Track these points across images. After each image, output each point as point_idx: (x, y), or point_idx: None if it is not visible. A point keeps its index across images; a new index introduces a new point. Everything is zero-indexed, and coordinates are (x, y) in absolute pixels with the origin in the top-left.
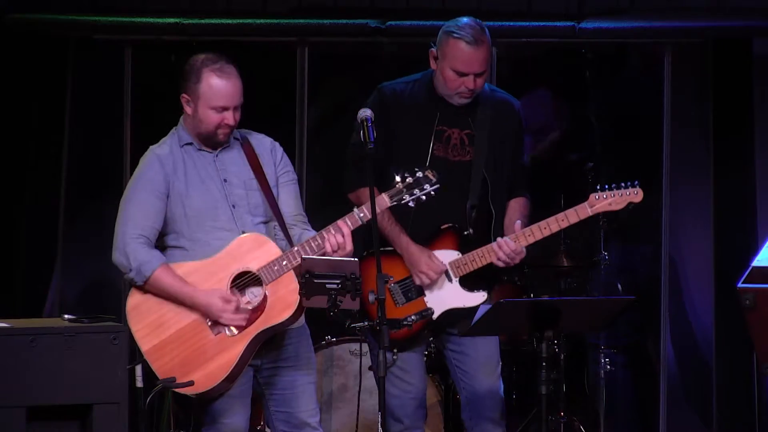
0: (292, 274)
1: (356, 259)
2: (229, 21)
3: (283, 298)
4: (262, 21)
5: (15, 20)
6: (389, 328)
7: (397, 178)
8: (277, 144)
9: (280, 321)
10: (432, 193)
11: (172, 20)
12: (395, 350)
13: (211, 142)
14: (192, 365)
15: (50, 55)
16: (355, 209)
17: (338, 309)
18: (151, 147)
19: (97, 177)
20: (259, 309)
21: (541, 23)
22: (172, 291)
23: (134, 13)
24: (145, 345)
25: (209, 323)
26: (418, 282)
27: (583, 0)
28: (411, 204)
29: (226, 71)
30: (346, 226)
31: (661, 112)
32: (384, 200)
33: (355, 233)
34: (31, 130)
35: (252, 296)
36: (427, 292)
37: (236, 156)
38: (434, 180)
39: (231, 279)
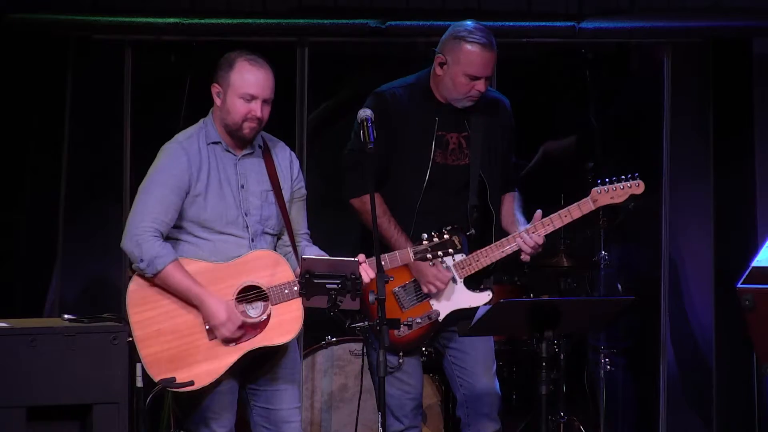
0: (299, 302)
1: (356, 259)
2: (229, 21)
3: (285, 323)
4: (262, 21)
5: (15, 20)
6: (389, 328)
7: (424, 236)
8: (294, 156)
9: (277, 344)
10: (453, 258)
11: (172, 20)
12: (401, 354)
13: (237, 137)
14: (180, 363)
15: (50, 55)
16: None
17: (338, 309)
18: (177, 137)
19: (97, 177)
20: (259, 327)
21: (541, 23)
22: (181, 288)
23: (134, 13)
24: (138, 330)
25: (207, 326)
26: (426, 291)
27: (583, 0)
28: (431, 263)
29: (259, 62)
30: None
31: (661, 112)
32: (407, 255)
33: (355, 235)
34: (31, 130)
35: (255, 312)
36: (432, 295)
37: (257, 164)
38: (459, 247)
39: (238, 290)
